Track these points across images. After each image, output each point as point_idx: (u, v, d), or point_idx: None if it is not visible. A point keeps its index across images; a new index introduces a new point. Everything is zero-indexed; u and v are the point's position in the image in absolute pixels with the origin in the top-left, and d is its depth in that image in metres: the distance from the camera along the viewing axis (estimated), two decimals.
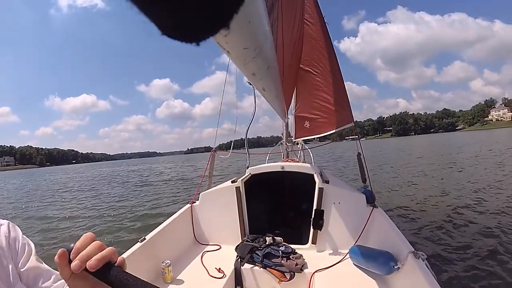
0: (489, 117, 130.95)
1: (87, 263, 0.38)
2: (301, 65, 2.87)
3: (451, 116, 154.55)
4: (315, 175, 2.01)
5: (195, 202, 2.16)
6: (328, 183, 1.92)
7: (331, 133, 2.81)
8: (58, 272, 0.69)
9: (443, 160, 13.36)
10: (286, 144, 3.87)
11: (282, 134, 3.93)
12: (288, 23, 1.50)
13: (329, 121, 2.76)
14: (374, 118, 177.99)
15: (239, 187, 2.04)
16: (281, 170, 2.16)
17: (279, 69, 1.11)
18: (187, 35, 0.21)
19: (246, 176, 2.14)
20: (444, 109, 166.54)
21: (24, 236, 0.67)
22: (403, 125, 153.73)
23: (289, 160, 3.30)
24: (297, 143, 4.13)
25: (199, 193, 2.20)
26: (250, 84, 1.63)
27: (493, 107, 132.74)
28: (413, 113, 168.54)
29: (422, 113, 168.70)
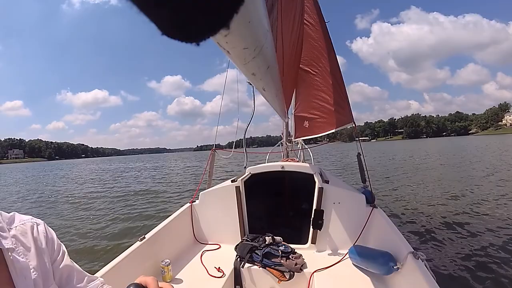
0: (503, 121, 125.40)
1: None
2: (300, 65, 2.87)
3: (464, 120, 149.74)
4: (315, 175, 2.01)
5: (194, 201, 2.16)
6: (328, 183, 1.92)
7: (340, 134, 2.80)
8: (89, 274, 0.72)
9: (445, 161, 13.37)
10: (286, 144, 3.87)
11: (282, 134, 3.93)
12: (288, 23, 1.50)
13: (328, 121, 2.76)
14: (385, 120, 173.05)
15: (239, 186, 2.04)
16: (281, 169, 2.16)
17: (279, 69, 1.11)
18: (187, 35, 0.21)
19: (246, 176, 2.14)
20: (457, 112, 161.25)
21: (58, 238, 0.69)
22: (415, 128, 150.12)
23: (289, 160, 3.30)
24: (297, 143, 4.13)
25: (199, 192, 2.21)
26: (250, 84, 1.63)
27: (507, 111, 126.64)
28: (425, 116, 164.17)
29: (434, 116, 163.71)
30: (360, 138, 2.69)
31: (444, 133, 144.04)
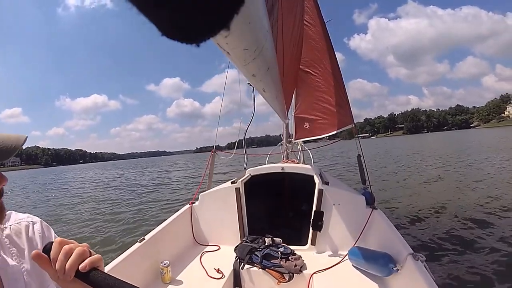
0: (506, 113, 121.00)
1: (80, 267, 0.42)
2: (301, 66, 2.87)
3: (465, 113, 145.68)
4: (315, 176, 2.01)
5: (194, 202, 2.16)
6: (328, 185, 1.92)
7: (340, 132, 2.79)
8: None
9: (444, 160, 13.35)
10: (286, 145, 3.87)
11: (282, 135, 3.93)
12: (288, 24, 1.50)
13: (329, 122, 2.76)
14: (385, 116, 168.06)
15: (238, 188, 2.04)
16: (281, 171, 2.15)
17: (279, 70, 1.11)
18: (187, 36, 0.21)
19: (246, 177, 2.14)
20: (458, 105, 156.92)
21: (56, 236, 0.66)
22: (415, 122, 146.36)
23: (289, 161, 3.30)
24: (297, 144, 4.13)
25: (199, 194, 2.20)
26: (250, 85, 1.63)
27: (509, 103, 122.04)
28: (425, 110, 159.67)
29: (435, 110, 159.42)
30: (360, 135, 2.69)
31: (445, 127, 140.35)
